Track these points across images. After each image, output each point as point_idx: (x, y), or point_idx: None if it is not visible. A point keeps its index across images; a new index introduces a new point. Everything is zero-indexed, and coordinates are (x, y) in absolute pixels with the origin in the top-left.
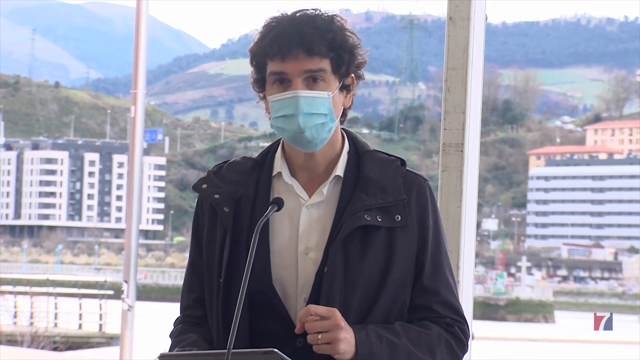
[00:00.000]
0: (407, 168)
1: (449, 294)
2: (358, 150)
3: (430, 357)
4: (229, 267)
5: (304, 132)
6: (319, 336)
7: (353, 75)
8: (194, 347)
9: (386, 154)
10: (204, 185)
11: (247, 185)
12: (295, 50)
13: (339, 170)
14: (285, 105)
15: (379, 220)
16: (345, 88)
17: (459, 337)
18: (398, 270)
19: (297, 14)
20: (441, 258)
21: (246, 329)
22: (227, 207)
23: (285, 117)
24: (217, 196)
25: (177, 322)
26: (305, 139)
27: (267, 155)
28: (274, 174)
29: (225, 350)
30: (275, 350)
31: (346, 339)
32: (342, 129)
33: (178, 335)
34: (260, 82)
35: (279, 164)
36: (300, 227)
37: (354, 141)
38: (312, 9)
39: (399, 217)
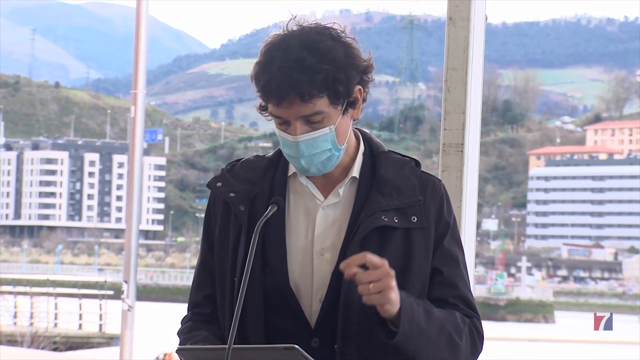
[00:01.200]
0: (422, 169)
1: (466, 291)
2: (373, 151)
3: (458, 338)
4: (244, 266)
5: (309, 170)
6: (370, 285)
7: (360, 87)
8: (205, 344)
9: (400, 154)
10: (219, 184)
11: (262, 185)
12: (287, 97)
13: (355, 171)
14: (287, 145)
15: (396, 221)
16: (350, 106)
17: (478, 329)
18: (416, 272)
19: (289, 50)
20: (458, 255)
21: (261, 327)
22: (242, 205)
23: (290, 156)
24: (232, 194)
25: (186, 320)
26: (312, 173)
27: (282, 154)
28: (289, 174)
29: (245, 345)
30: (296, 346)
31: (396, 288)
32: (357, 129)
33: (187, 332)
34: (266, 108)
35: None
36: (317, 227)
37: (369, 142)
38: (309, 28)
39: (415, 218)
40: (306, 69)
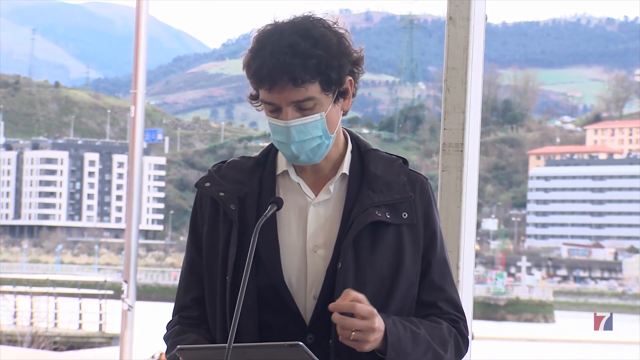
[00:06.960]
0: (409, 167)
1: (453, 292)
2: (361, 149)
3: (443, 351)
4: (237, 265)
5: (299, 157)
6: (353, 333)
7: (351, 78)
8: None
9: (387, 153)
10: (207, 184)
11: (250, 184)
12: (279, 82)
13: (345, 168)
14: (278, 131)
15: (388, 216)
16: (341, 96)
17: (463, 334)
18: (408, 267)
19: (283, 36)
20: (445, 256)
21: (255, 325)
22: (233, 204)
23: (280, 142)
24: (222, 194)
25: (172, 325)
26: (302, 161)
27: (269, 153)
28: (278, 173)
29: (248, 344)
30: (301, 343)
31: (375, 340)
32: (344, 128)
33: (176, 336)
34: (256, 97)
35: (283, 163)
36: (309, 225)
37: (356, 140)
38: (302, 17)
39: (406, 215)
40: (299, 54)
